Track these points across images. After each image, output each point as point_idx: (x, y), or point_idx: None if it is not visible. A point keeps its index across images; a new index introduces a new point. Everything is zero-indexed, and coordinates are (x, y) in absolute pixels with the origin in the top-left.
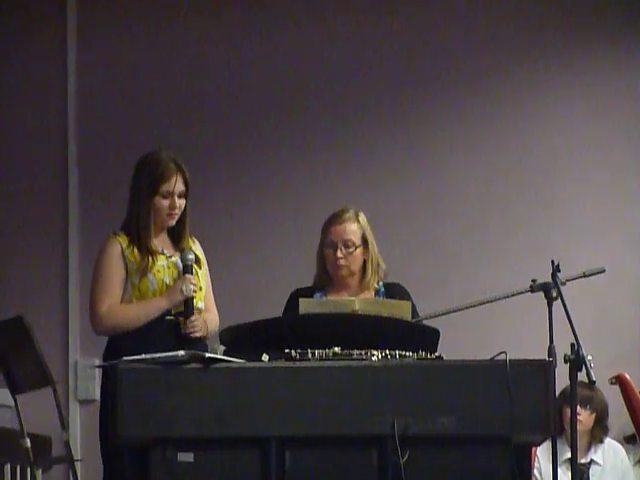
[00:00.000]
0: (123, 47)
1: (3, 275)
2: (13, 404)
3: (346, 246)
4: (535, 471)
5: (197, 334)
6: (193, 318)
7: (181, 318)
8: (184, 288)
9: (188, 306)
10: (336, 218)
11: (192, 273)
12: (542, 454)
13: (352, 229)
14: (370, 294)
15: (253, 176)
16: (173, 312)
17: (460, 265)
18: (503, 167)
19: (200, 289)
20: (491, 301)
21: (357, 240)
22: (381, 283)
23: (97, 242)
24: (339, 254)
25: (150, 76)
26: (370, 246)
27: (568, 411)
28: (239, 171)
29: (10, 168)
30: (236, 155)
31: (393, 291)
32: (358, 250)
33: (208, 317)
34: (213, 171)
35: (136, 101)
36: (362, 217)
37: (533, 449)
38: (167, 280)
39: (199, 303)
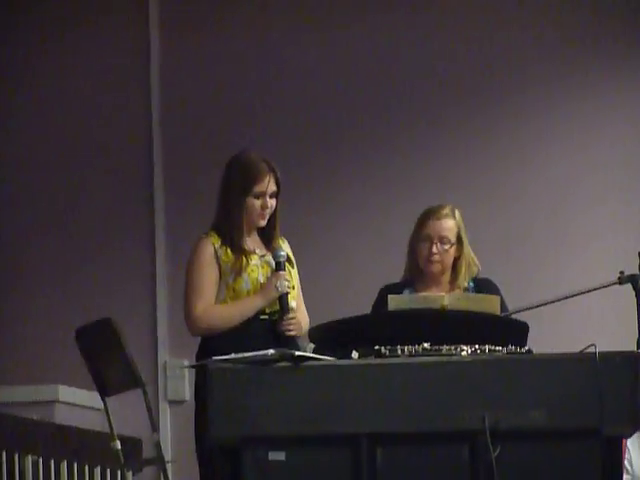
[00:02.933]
0: (206, 41)
1: (90, 277)
2: (103, 407)
3: (442, 242)
4: (626, 462)
5: (293, 332)
6: (291, 315)
7: (262, 317)
8: (278, 284)
9: (283, 303)
10: (433, 213)
11: (285, 270)
12: (633, 445)
13: (449, 226)
14: (460, 292)
15: (342, 174)
16: (267, 311)
17: (548, 259)
18: (591, 162)
19: (293, 288)
20: (579, 294)
21: (453, 237)
22: (470, 279)
23: (184, 241)
24: (434, 249)
25: (234, 72)
26: (464, 245)
27: None
28: (327, 169)
29: (95, 169)
30: (324, 153)
31: (483, 286)
32: (453, 247)
33: (299, 316)
34: (300, 169)
35: (221, 99)
36: (458, 215)
37: (623, 441)
38: (261, 279)
39: (292, 302)
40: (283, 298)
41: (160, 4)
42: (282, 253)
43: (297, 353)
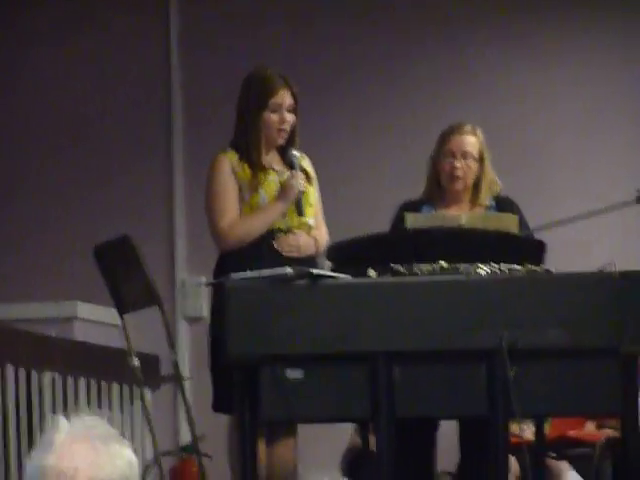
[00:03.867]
0: None
1: (109, 195)
2: (121, 323)
3: (464, 157)
4: None
5: (290, 253)
6: (290, 236)
7: (278, 234)
8: (295, 183)
9: (299, 203)
10: (456, 129)
11: (298, 169)
12: None
13: (472, 141)
14: (481, 210)
15: (364, 94)
16: (284, 227)
17: (566, 176)
18: (611, 79)
19: (311, 205)
20: (597, 213)
21: (475, 153)
22: (491, 197)
23: (201, 159)
24: (457, 164)
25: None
26: (485, 163)
27: None
28: (351, 88)
29: (115, 92)
30: (347, 73)
31: (503, 205)
32: (475, 164)
33: (318, 234)
34: (322, 87)
35: (241, 18)
36: (480, 133)
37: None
38: (278, 192)
39: (310, 219)
40: (298, 198)
41: None
42: (295, 153)
43: (314, 271)
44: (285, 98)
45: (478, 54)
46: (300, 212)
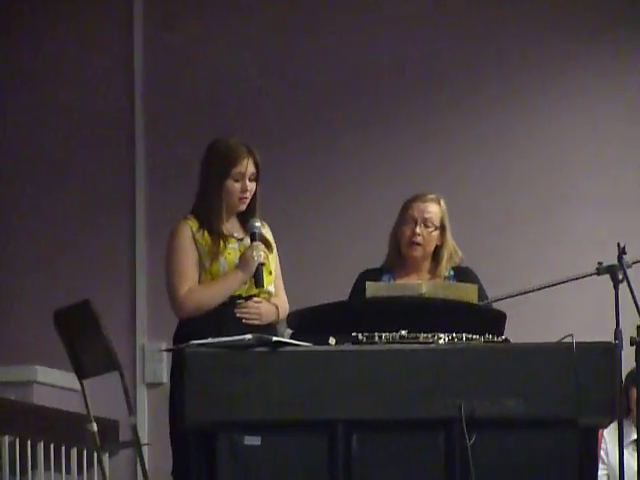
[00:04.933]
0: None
1: (70, 259)
2: (80, 388)
3: (425, 225)
4: (602, 453)
5: (251, 321)
6: (250, 303)
7: (238, 301)
8: (255, 254)
9: (258, 274)
10: (419, 197)
11: (258, 240)
12: (609, 436)
13: (434, 209)
14: (441, 280)
15: (322, 160)
16: (244, 295)
17: (526, 249)
18: (567, 151)
19: (270, 273)
20: (557, 284)
21: (436, 221)
22: (450, 268)
23: (164, 224)
24: (417, 231)
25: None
26: (447, 233)
27: (634, 392)
28: (307, 155)
29: (78, 152)
30: (304, 138)
31: (462, 275)
32: (435, 232)
33: (278, 301)
34: (281, 156)
35: (202, 88)
36: (443, 203)
37: (600, 431)
38: (238, 262)
39: (269, 287)
40: (258, 269)
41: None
42: (257, 224)
43: (274, 338)
44: (248, 167)
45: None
46: (258, 284)
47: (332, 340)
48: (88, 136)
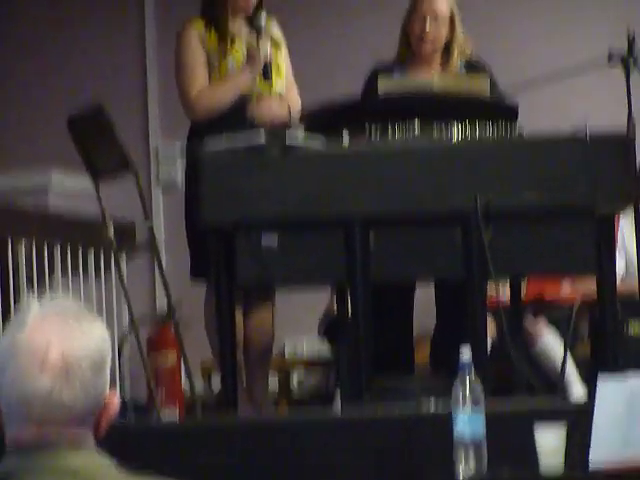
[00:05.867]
0: None
1: (81, 63)
2: (95, 191)
3: (435, 19)
4: (618, 242)
5: (264, 120)
6: (262, 102)
7: (250, 101)
8: (261, 49)
9: (266, 68)
10: None
11: (265, 34)
12: (626, 225)
13: (442, 3)
14: (450, 73)
15: None
16: (256, 94)
17: (536, 34)
18: None
19: (279, 71)
20: (569, 74)
21: (446, 15)
22: (462, 61)
23: (173, 26)
24: (427, 27)
25: None
26: (456, 26)
27: None
28: None
29: None
30: None
31: (474, 67)
32: (445, 26)
33: (290, 99)
34: None
35: None
36: None
37: (617, 220)
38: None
39: (279, 87)
40: (266, 65)
41: None
42: (262, 18)
43: (288, 139)
44: None
45: None
46: (266, 76)
47: (345, 134)
48: None
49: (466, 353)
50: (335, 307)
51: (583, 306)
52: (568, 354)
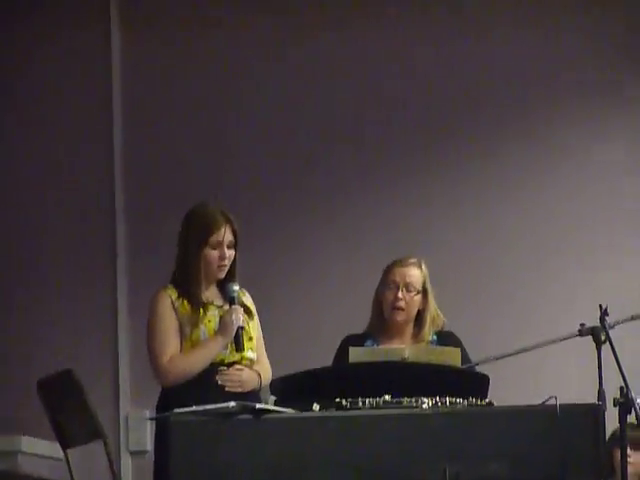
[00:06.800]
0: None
1: (52, 328)
2: (64, 457)
3: (407, 289)
4: None
5: (233, 389)
6: (231, 371)
7: (220, 368)
8: (234, 318)
9: (238, 339)
10: (400, 261)
11: (237, 304)
12: None
13: (415, 273)
14: (422, 344)
15: (303, 225)
16: (226, 361)
17: (509, 311)
18: (548, 213)
19: (250, 339)
20: (540, 346)
21: (418, 285)
22: (433, 332)
23: (146, 293)
24: (400, 295)
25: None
26: (429, 297)
27: (618, 453)
28: (287, 220)
29: (58, 220)
30: (285, 202)
31: (445, 339)
32: (417, 296)
33: (260, 368)
34: (260, 221)
35: (180, 155)
36: (424, 267)
37: None
38: (218, 327)
39: (250, 353)
40: (238, 332)
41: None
42: (235, 288)
43: (258, 406)
44: (225, 235)
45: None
46: (238, 348)
47: (316, 406)
48: (69, 209)
49: None
50: None
51: None
52: None
